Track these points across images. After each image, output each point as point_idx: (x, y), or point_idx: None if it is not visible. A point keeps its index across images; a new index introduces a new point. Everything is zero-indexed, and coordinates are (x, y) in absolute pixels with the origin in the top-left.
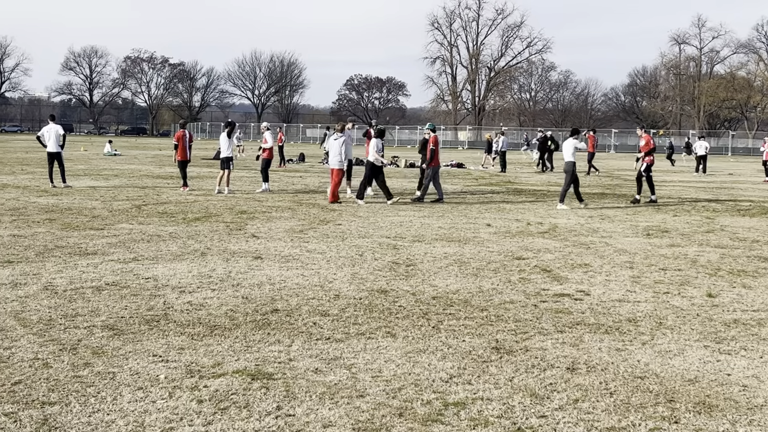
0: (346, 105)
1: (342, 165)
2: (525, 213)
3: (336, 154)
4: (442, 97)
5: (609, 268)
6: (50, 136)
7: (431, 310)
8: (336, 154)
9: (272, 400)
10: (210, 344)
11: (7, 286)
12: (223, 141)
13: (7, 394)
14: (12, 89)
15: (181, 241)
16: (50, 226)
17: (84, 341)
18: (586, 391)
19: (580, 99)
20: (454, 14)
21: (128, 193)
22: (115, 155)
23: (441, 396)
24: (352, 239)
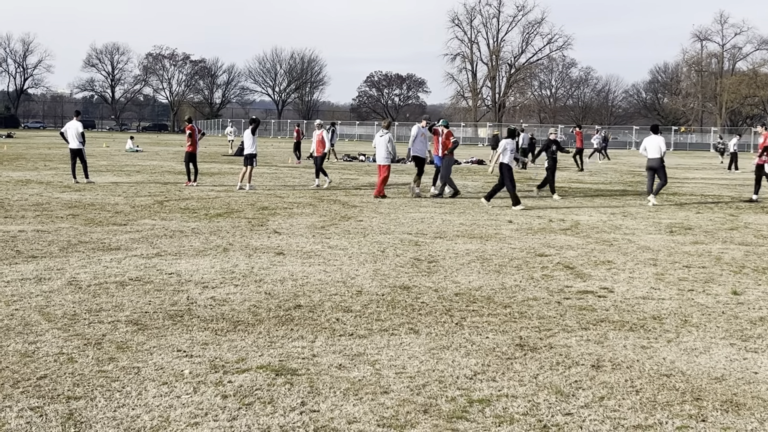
0: (366, 102)
1: (388, 161)
2: (546, 210)
3: (383, 150)
4: (462, 94)
5: (632, 266)
6: (71, 132)
7: (454, 307)
8: (383, 151)
9: (296, 395)
10: (234, 339)
11: (32, 281)
12: (247, 138)
13: (32, 389)
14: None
15: (204, 237)
16: (73, 222)
17: (108, 336)
18: (612, 389)
19: (600, 96)
20: (474, 11)
21: (150, 189)
22: (137, 151)
23: (465, 393)
24: (373, 235)
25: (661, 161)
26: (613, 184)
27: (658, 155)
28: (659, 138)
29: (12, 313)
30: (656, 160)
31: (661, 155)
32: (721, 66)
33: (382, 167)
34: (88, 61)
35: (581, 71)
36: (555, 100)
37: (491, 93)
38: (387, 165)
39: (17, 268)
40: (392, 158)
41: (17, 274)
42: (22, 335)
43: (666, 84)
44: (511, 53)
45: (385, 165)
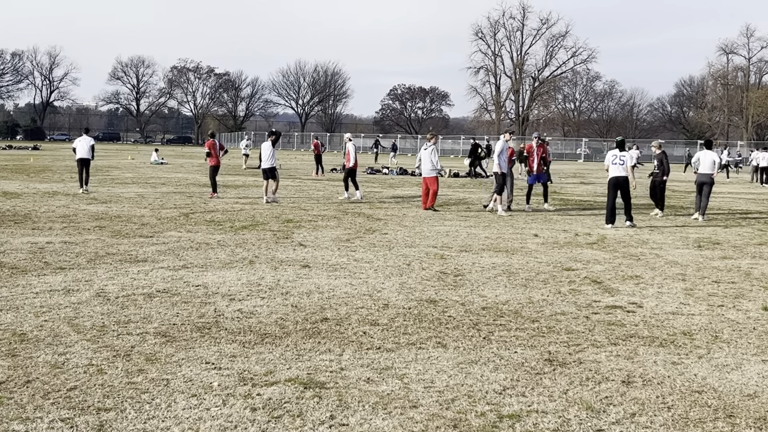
0: (390, 115)
1: (435, 173)
2: (572, 224)
3: (428, 162)
4: (485, 107)
5: (661, 280)
6: (81, 145)
7: (481, 321)
8: (428, 163)
9: (325, 409)
10: (261, 352)
11: (60, 292)
12: (265, 150)
13: (63, 400)
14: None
15: (230, 249)
16: (100, 234)
17: (137, 348)
18: (643, 405)
19: (625, 109)
20: (498, 24)
21: (176, 201)
22: (162, 164)
23: (495, 408)
24: (399, 248)
25: (711, 177)
26: (639, 198)
27: (710, 170)
28: (713, 153)
29: (41, 325)
30: (707, 175)
31: (713, 171)
32: (747, 79)
33: (429, 179)
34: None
35: (605, 84)
36: (579, 113)
37: (515, 106)
38: (435, 177)
39: (46, 280)
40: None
41: (46, 286)
42: (51, 346)
43: (691, 97)
44: (534, 66)
45: (432, 177)
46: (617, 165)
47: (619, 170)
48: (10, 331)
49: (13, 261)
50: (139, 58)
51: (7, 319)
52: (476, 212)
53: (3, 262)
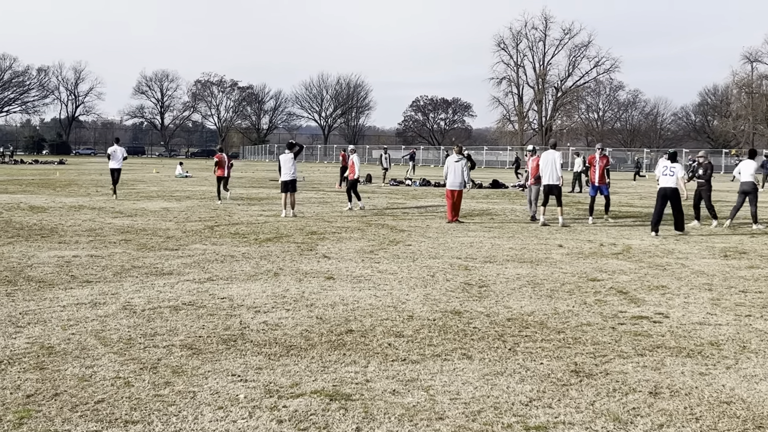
0: (412, 126)
1: (463, 186)
2: (597, 234)
3: (458, 175)
4: (508, 118)
5: (687, 290)
6: (114, 155)
7: (507, 332)
8: (458, 176)
9: (351, 421)
10: (287, 364)
11: (87, 305)
12: (285, 163)
13: (90, 413)
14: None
15: (254, 262)
16: (126, 247)
17: (164, 360)
18: (671, 416)
19: (649, 119)
20: (520, 35)
21: (200, 214)
22: (186, 177)
23: (522, 420)
24: (422, 260)
25: (754, 185)
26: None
27: (751, 179)
28: (754, 163)
29: (69, 338)
30: (749, 183)
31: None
32: None
33: (455, 192)
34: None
35: (629, 94)
36: (602, 123)
37: (538, 116)
38: (461, 190)
39: (73, 293)
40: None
41: (73, 299)
42: (79, 359)
43: (716, 106)
44: (557, 76)
45: (459, 190)
46: (667, 176)
47: (669, 181)
48: (38, 345)
49: (41, 275)
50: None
51: (35, 333)
52: (500, 222)
53: (30, 275)
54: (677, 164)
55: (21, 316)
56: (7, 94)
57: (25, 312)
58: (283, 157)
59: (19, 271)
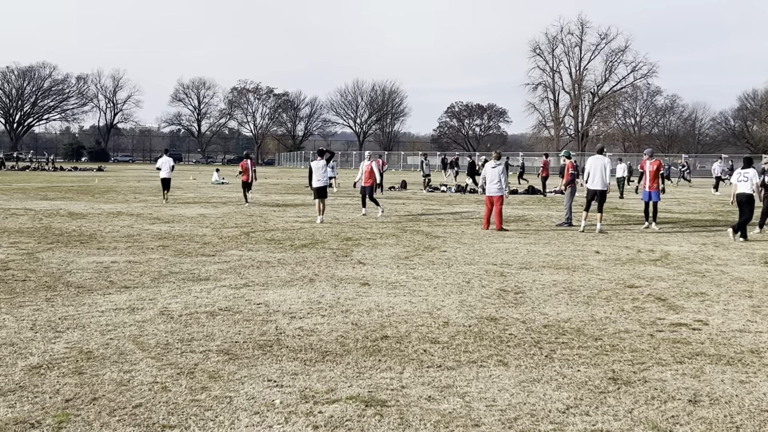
0: (447, 132)
1: (503, 192)
2: (634, 240)
3: (496, 181)
4: (544, 123)
5: (727, 297)
6: (163, 166)
7: (543, 339)
8: (496, 182)
9: (387, 427)
10: (322, 370)
11: (125, 311)
12: (317, 170)
13: (128, 417)
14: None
15: (290, 268)
16: (163, 253)
17: (200, 365)
18: (711, 425)
19: (687, 124)
20: (556, 40)
21: (237, 221)
22: (223, 183)
23: (559, 427)
24: (458, 266)
25: None
26: (703, 213)
27: None
28: None
29: (107, 343)
30: None
31: None
32: None
33: (495, 198)
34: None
35: (666, 99)
36: (640, 128)
37: (574, 122)
38: (501, 196)
39: (111, 298)
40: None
41: (111, 304)
42: (117, 364)
43: (755, 111)
44: (593, 82)
45: (498, 196)
46: (742, 182)
47: (744, 187)
48: (76, 350)
49: (80, 280)
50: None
51: (73, 338)
52: (536, 229)
53: (69, 281)
54: (751, 170)
55: (60, 321)
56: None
57: (64, 317)
58: (315, 164)
59: (59, 276)
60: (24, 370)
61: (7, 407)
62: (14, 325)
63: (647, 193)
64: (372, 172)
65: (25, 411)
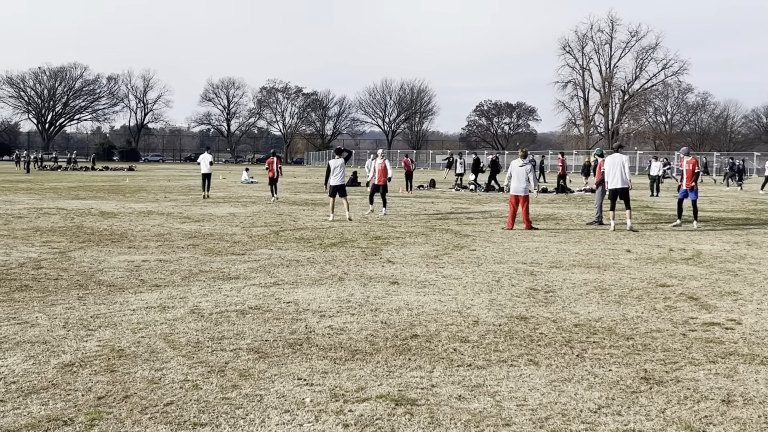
0: (476, 131)
1: (528, 191)
2: (666, 239)
3: (522, 180)
4: (573, 122)
5: (760, 296)
6: (204, 162)
7: (574, 338)
8: (523, 181)
9: (417, 426)
10: (352, 368)
11: (156, 309)
12: (335, 168)
13: (160, 415)
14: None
15: (319, 266)
16: (194, 252)
17: (231, 364)
18: (745, 425)
19: (719, 121)
20: (586, 38)
21: (266, 219)
22: (252, 183)
23: (590, 427)
24: (487, 265)
25: None
26: (735, 212)
27: None
28: None
29: (138, 341)
30: None
31: None
32: None
33: (521, 197)
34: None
35: (698, 96)
36: (671, 126)
37: (604, 120)
38: (526, 195)
39: (142, 297)
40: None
41: (142, 303)
42: (148, 362)
43: None
44: (624, 79)
45: (524, 196)
46: None
47: None
48: (108, 347)
49: (111, 279)
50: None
51: (105, 336)
52: (565, 228)
53: (101, 280)
54: None
55: (92, 320)
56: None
57: (96, 315)
58: (333, 163)
59: (90, 275)
60: (57, 367)
61: (41, 404)
62: (47, 324)
63: (684, 191)
64: (385, 170)
65: (58, 408)
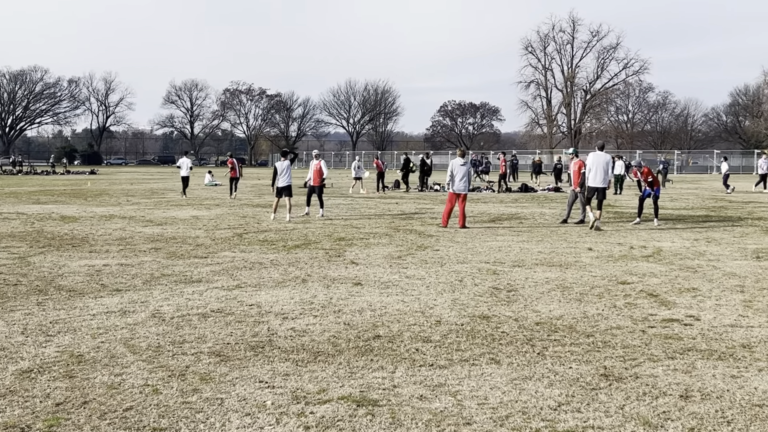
0: (440, 131)
1: (467, 190)
2: (627, 237)
3: (465, 179)
4: (536, 121)
5: (719, 293)
6: (184, 165)
7: (535, 336)
8: (465, 180)
9: (378, 427)
10: (314, 370)
11: (117, 314)
12: (282, 170)
13: (119, 420)
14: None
15: (282, 268)
16: (156, 255)
17: (192, 367)
18: (702, 420)
19: (679, 120)
20: (548, 38)
21: (229, 222)
22: (216, 185)
23: (550, 424)
24: (450, 265)
25: None
26: (695, 209)
27: None
28: None
29: (98, 346)
30: None
31: None
32: None
33: (461, 195)
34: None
35: (659, 95)
36: (632, 125)
37: (566, 120)
38: (465, 194)
39: (102, 302)
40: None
41: (102, 307)
42: (108, 367)
43: (747, 106)
44: (586, 79)
45: (464, 194)
46: None
47: None
48: (67, 353)
49: (71, 284)
50: (193, 81)
51: (64, 341)
52: (529, 227)
53: (61, 285)
54: None
55: (51, 325)
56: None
57: (55, 321)
58: (279, 165)
59: (50, 280)
60: (14, 374)
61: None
62: (5, 330)
63: (647, 191)
64: (320, 171)
65: (15, 416)
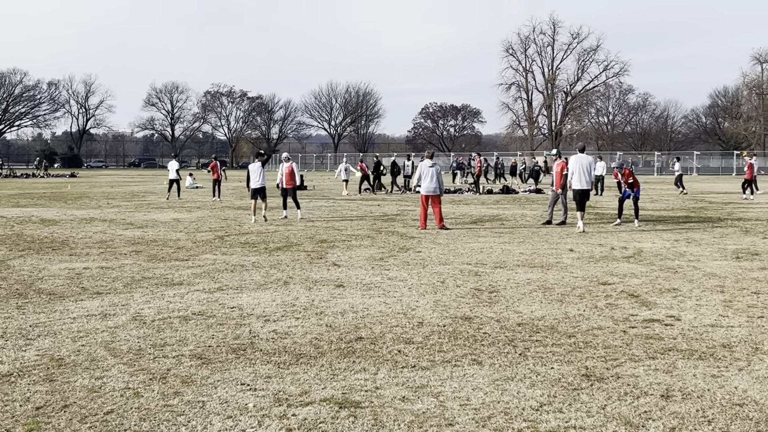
0: (422, 133)
1: (437, 191)
2: (608, 237)
3: (434, 181)
4: (518, 123)
5: (699, 293)
6: (171, 168)
7: (517, 337)
8: (434, 181)
9: (361, 428)
10: (296, 373)
11: (97, 317)
12: (254, 172)
13: (100, 424)
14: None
15: (264, 271)
16: (137, 258)
17: (173, 370)
18: (683, 419)
19: (659, 121)
20: (528, 40)
21: (211, 224)
22: (197, 188)
23: (532, 425)
24: (432, 266)
25: None
26: (676, 210)
27: None
28: None
29: (78, 349)
30: None
31: None
32: None
33: (433, 198)
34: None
35: (639, 97)
36: (613, 127)
37: (547, 121)
38: (435, 195)
39: (83, 305)
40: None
41: (83, 311)
42: (88, 371)
43: (726, 108)
44: (566, 81)
45: (434, 195)
46: None
47: None
48: (48, 356)
49: (51, 287)
50: (173, 84)
51: (45, 345)
52: (510, 228)
53: (41, 288)
54: None
55: (31, 329)
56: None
57: (35, 324)
58: (252, 167)
59: (30, 283)
60: None
61: None
62: None
63: (627, 192)
64: (293, 173)
65: None
